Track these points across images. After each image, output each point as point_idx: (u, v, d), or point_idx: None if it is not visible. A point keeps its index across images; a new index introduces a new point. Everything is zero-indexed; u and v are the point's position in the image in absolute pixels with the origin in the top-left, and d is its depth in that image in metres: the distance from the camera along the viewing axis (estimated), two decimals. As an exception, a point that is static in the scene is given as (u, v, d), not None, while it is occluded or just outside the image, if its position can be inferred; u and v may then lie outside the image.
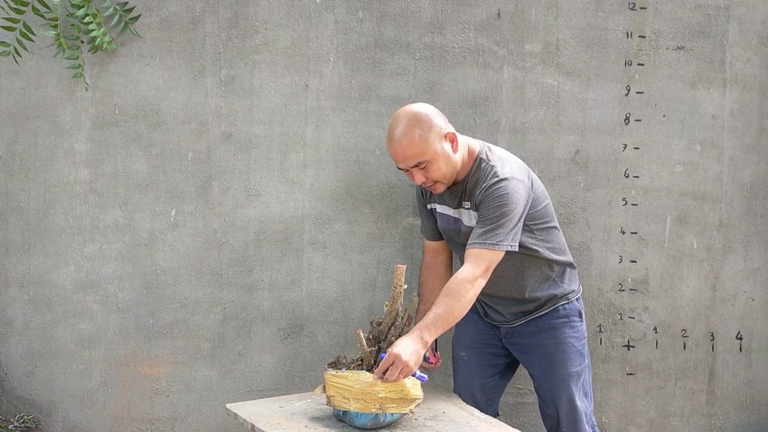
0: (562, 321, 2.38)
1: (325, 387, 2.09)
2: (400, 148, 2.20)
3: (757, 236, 2.88)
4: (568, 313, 2.39)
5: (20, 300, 2.75)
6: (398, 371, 2.00)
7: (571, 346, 2.37)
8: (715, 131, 2.83)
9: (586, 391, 2.43)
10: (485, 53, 2.75)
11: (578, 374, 2.38)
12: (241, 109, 2.72)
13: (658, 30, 2.78)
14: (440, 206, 2.39)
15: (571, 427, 2.40)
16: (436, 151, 2.19)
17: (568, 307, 2.39)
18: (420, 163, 2.19)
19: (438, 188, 2.28)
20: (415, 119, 2.20)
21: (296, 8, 2.71)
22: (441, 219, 2.40)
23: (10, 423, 2.71)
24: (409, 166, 2.21)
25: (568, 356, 2.37)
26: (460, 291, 2.12)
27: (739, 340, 2.90)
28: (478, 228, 2.20)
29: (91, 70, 2.68)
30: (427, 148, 2.18)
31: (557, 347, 2.37)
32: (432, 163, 2.20)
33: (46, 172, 2.72)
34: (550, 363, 2.37)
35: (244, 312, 2.77)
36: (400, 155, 2.21)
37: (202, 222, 2.74)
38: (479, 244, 2.16)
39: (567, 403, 2.37)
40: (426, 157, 2.19)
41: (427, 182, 2.25)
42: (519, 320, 2.40)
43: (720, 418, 2.91)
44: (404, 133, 2.19)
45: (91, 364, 2.77)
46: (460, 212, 2.32)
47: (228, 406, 2.22)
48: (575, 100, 2.77)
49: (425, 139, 2.18)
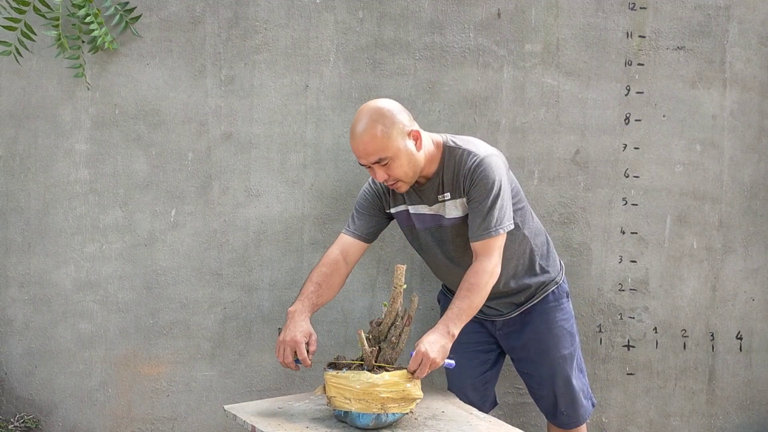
0: (552, 305, 2.39)
1: (325, 387, 2.09)
2: (362, 143, 2.14)
3: (757, 236, 2.88)
4: (557, 297, 2.41)
5: (20, 300, 2.75)
6: (427, 368, 2.03)
7: (561, 329, 2.39)
8: (715, 131, 2.83)
9: (581, 367, 2.45)
10: (485, 53, 2.75)
11: (571, 355, 2.41)
12: (241, 109, 2.72)
13: (658, 30, 2.78)
14: (413, 206, 2.31)
15: (569, 405, 2.42)
16: (399, 148, 2.14)
17: (557, 291, 2.41)
18: (381, 159, 2.14)
19: (401, 187, 2.23)
20: (378, 114, 2.15)
21: (296, 8, 2.72)
22: (416, 220, 2.32)
23: (10, 423, 2.71)
24: (370, 162, 2.16)
25: (559, 339, 2.39)
26: (481, 284, 2.14)
27: (739, 340, 2.90)
28: (475, 218, 2.18)
29: (91, 70, 2.68)
30: (388, 145, 2.13)
31: (549, 332, 2.38)
32: (394, 161, 2.15)
33: (46, 172, 2.72)
34: (543, 347, 2.39)
35: (244, 312, 2.78)
36: (361, 150, 2.16)
37: (202, 222, 2.74)
38: (484, 234, 2.17)
39: (563, 384, 2.40)
40: (387, 154, 2.14)
41: (388, 180, 2.20)
42: (513, 312, 2.40)
43: (720, 418, 2.91)
44: (366, 128, 2.14)
45: (91, 364, 2.77)
46: (439, 207, 2.27)
47: (227, 407, 2.20)
48: (575, 100, 2.77)
49: (387, 136, 2.13)
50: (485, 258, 2.17)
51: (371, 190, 2.40)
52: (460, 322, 2.12)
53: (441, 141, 2.28)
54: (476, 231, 2.18)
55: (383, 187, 2.36)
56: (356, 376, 2.01)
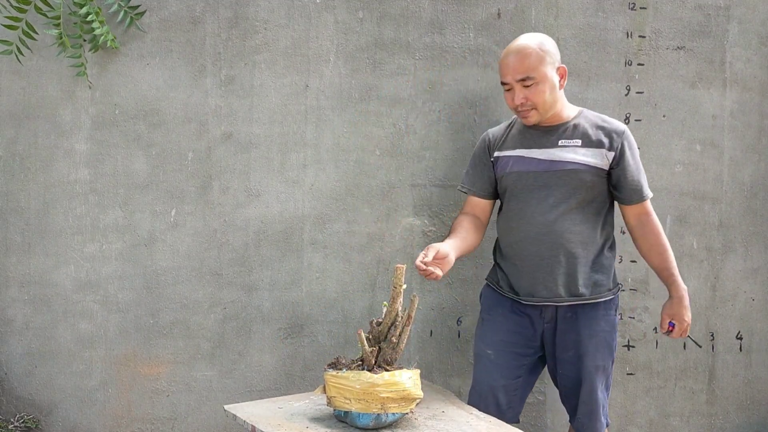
0: (600, 314, 2.36)
1: (325, 388, 2.09)
2: (516, 57, 2.25)
3: (757, 236, 2.88)
4: (608, 307, 2.38)
5: (20, 300, 2.75)
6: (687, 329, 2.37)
7: (603, 340, 2.35)
8: (715, 131, 2.83)
9: (608, 385, 2.42)
10: (485, 53, 2.75)
11: (605, 368, 2.37)
12: (241, 109, 2.73)
13: (658, 30, 2.78)
14: (524, 150, 2.36)
15: (587, 416, 2.37)
16: (546, 74, 2.25)
17: (611, 303, 2.38)
18: (528, 78, 2.24)
19: (532, 116, 2.30)
20: (538, 39, 2.27)
21: (296, 8, 2.72)
22: (522, 163, 2.35)
23: (10, 423, 2.71)
24: (516, 78, 2.25)
25: (598, 348, 2.35)
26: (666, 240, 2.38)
27: (739, 340, 2.90)
28: (632, 179, 2.32)
29: (91, 70, 2.68)
30: (539, 66, 2.24)
31: (591, 339, 2.34)
32: (538, 84, 2.25)
33: (46, 172, 2.72)
34: (582, 352, 2.34)
35: (244, 312, 2.78)
36: (511, 65, 2.25)
37: (202, 222, 2.74)
38: (643, 196, 2.35)
39: (587, 393, 2.36)
40: (536, 74, 2.24)
41: (525, 104, 2.27)
42: (567, 300, 2.34)
43: (720, 418, 2.91)
44: (524, 44, 2.26)
45: (91, 364, 2.77)
46: (556, 152, 2.30)
47: (226, 407, 2.21)
48: (575, 100, 2.77)
49: (541, 59, 2.24)
50: (653, 216, 2.37)
51: (482, 142, 2.48)
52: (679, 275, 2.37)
53: (578, 108, 2.43)
54: (639, 191, 2.34)
55: (493, 136, 2.45)
56: (356, 376, 2.02)
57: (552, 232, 2.29)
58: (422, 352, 2.81)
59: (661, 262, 2.36)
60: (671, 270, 2.36)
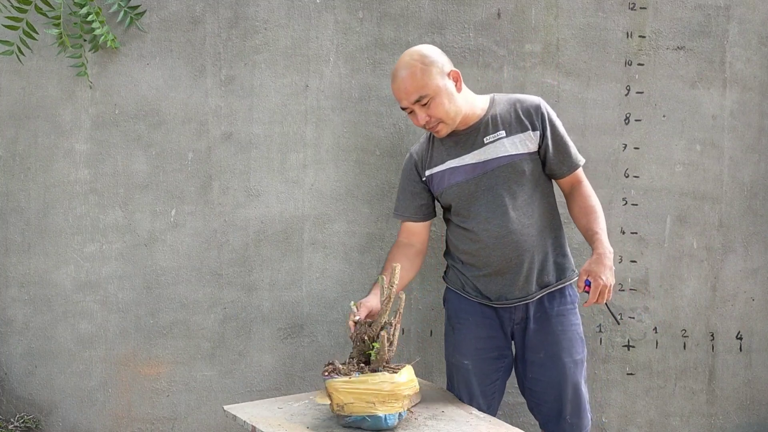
0: (569, 308, 2.36)
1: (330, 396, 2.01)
2: (402, 82, 2.19)
3: (757, 236, 2.88)
4: (573, 300, 2.38)
5: (20, 300, 2.75)
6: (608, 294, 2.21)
7: (575, 333, 2.36)
8: (715, 131, 2.83)
9: (585, 377, 2.43)
10: (485, 53, 2.75)
11: (582, 361, 2.38)
12: (241, 109, 2.72)
13: (658, 30, 2.78)
14: (453, 160, 2.31)
15: (575, 413, 2.37)
16: (438, 86, 2.18)
17: (572, 292, 2.39)
18: (422, 98, 2.18)
19: (442, 129, 2.24)
20: (417, 55, 2.20)
21: (296, 8, 2.72)
22: (457, 173, 2.30)
23: (10, 423, 2.71)
24: (411, 101, 2.19)
25: (572, 343, 2.35)
26: (597, 202, 2.34)
27: (739, 340, 2.90)
28: (561, 151, 2.30)
29: (92, 70, 2.68)
30: (428, 82, 2.17)
31: (564, 334, 2.34)
32: (434, 99, 2.18)
33: (46, 172, 2.72)
34: (557, 350, 2.34)
35: (244, 312, 2.78)
36: (401, 90, 2.20)
37: (202, 222, 2.74)
38: (575, 165, 2.34)
39: (572, 390, 2.35)
40: (427, 92, 2.17)
41: (430, 121, 2.22)
42: (537, 294, 2.33)
43: (720, 418, 2.91)
44: (405, 67, 2.18)
45: (91, 364, 2.77)
46: (486, 150, 2.27)
47: (226, 407, 2.20)
48: (575, 100, 2.77)
49: (427, 73, 2.17)
50: (585, 183, 2.36)
51: (408, 165, 2.41)
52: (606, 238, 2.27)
53: (488, 96, 2.37)
54: (569, 162, 2.32)
55: (418, 155, 2.38)
56: (376, 379, 1.96)
57: (512, 232, 2.26)
58: (422, 352, 2.81)
59: (587, 222, 2.30)
60: (596, 230, 2.27)
